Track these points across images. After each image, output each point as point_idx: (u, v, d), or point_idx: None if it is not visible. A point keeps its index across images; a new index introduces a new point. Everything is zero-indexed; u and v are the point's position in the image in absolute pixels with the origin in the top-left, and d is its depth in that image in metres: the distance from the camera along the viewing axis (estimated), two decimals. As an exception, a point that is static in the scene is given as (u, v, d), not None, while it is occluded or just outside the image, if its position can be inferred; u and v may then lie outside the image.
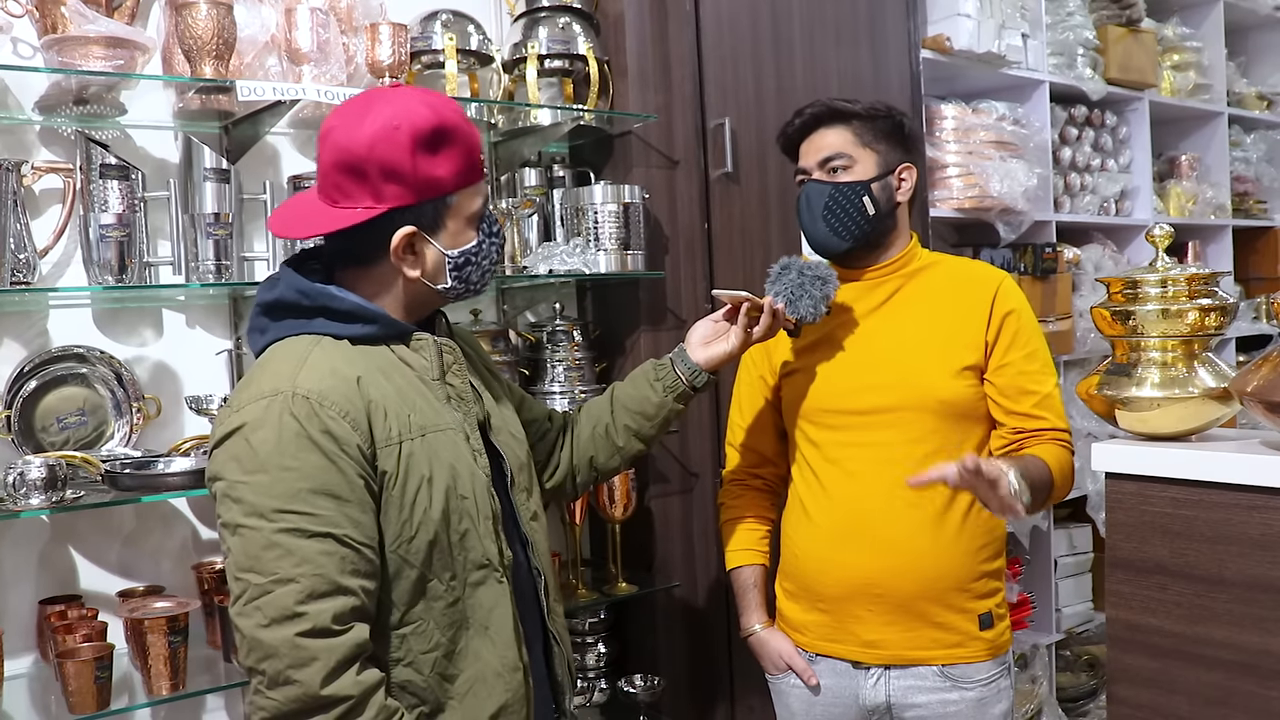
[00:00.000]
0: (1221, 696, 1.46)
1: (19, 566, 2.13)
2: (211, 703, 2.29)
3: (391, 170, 1.41)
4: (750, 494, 2.09)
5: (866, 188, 1.89)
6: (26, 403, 2.10)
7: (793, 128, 1.96)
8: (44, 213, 2.15)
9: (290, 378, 1.38)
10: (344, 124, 1.43)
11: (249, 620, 1.31)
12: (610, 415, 1.84)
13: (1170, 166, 4.15)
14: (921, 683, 1.87)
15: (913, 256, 1.97)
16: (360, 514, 1.36)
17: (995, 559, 1.93)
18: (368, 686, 1.32)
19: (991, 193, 3.14)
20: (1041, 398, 1.87)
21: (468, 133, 1.47)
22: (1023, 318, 1.90)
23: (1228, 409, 1.54)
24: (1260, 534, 1.42)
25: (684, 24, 2.61)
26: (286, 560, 1.30)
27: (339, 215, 1.43)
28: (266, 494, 1.32)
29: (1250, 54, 4.64)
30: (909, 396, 1.85)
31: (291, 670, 1.28)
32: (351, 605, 1.33)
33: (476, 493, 1.48)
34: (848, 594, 1.89)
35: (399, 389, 1.45)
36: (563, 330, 2.57)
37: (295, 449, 1.34)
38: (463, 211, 1.48)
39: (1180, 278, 1.56)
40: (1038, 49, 3.41)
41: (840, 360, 1.93)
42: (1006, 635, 1.94)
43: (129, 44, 2.00)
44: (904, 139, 1.95)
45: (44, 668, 2.10)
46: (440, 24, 2.47)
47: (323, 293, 1.46)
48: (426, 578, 1.43)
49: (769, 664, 2.01)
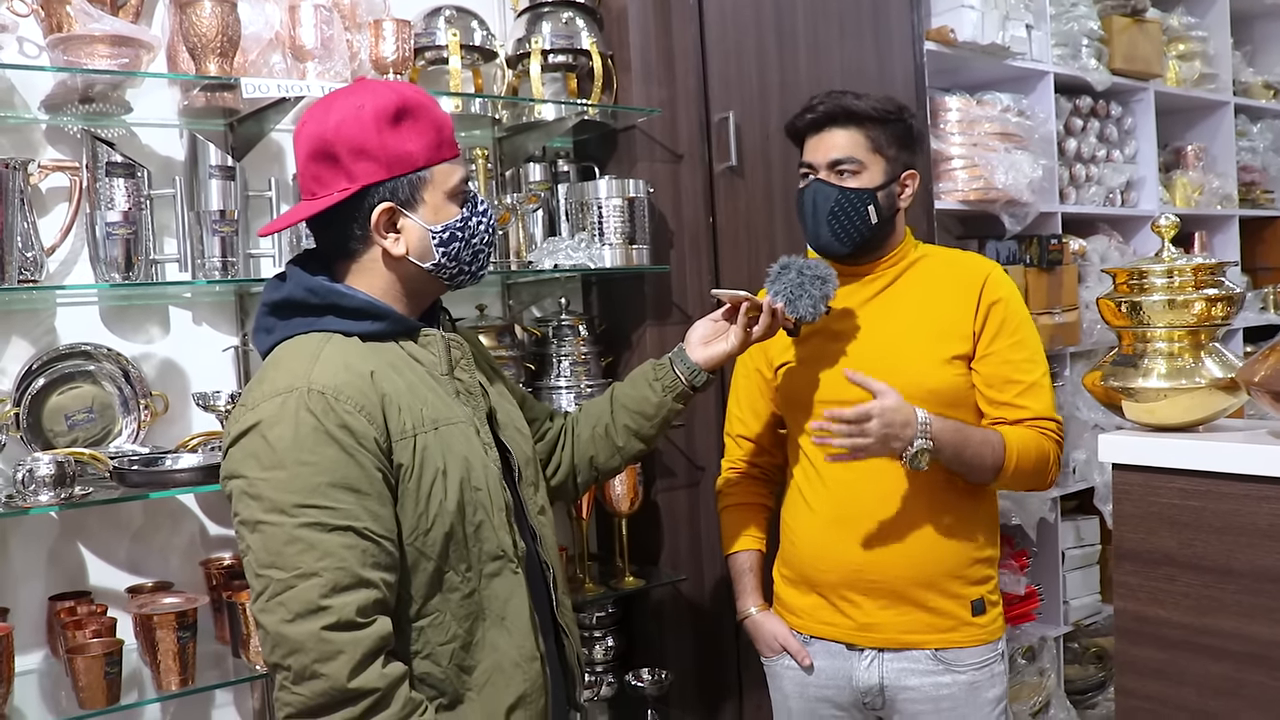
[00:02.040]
0: (1230, 688, 1.46)
1: (29, 563, 2.13)
2: (220, 698, 2.30)
3: (359, 147, 1.43)
4: (747, 482, 2.13)
5: (873, 196, 1.90)
6: (35, 400, 2.10)
7: (804, 121, 1.95)
8: (50, 211, 2.15)
9: (305, 374, 1.39)
10: (312, 118, 1.47)
11: (273, 616, 1.31)
12: (610, 415, 1.86)
13: (1176, 157, 4.14)
14: (915, 665, 1.91)
15: (906, 251, 1.99)
16: (379, 507, 1.37)
17: (988, 546, 1.97)
18: (394, 679, 1.34)
19: (997, 184, 3.13)
20: (1026, 387, 1.88)
21: (434, 110, 1.50)
22: (1010, 306, 1.91)
23: (1235, 399, 1.54)
24: (1268, 524, 1.42)
25: (687, 18, 2.60)
26: (309, 555, 1.31)
27: (318, 203, 1.46)
28: (286, 489, 1.33)
29: (1256, 43, 4.62)
30: (899, 385, 1.84)
31: (318, 664, 1.29)
32: (374, 598, 1.34)
33: (489, 485, 1.49)
34: (843, 579, 1.93)
35: (410, 384, 1.46)
36: (568, 325, 2.57)
37: (313, 444, 1.34)
38: (441, 186, 1.50)
39: (1186, 268, 1.56)
40: (1042, 40, 3.40)
41: (833, 351, 1.95)
42: (999, 622, 1.97)
43: (134, 42, 2.00)
44: (911, 142, 1.96)
45: (54, 663, 2.11)
46: (444, 20, 2.47)
47: (332, 290, 1.47)
48: (443, 569, 1.44)
49: (764, 646, 2.05)
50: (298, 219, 1.50)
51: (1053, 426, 1.89)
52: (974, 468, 1.83)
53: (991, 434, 1.84)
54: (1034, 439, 1.86)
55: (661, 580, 2.61)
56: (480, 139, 2.66)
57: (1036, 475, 1.88)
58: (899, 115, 1.93)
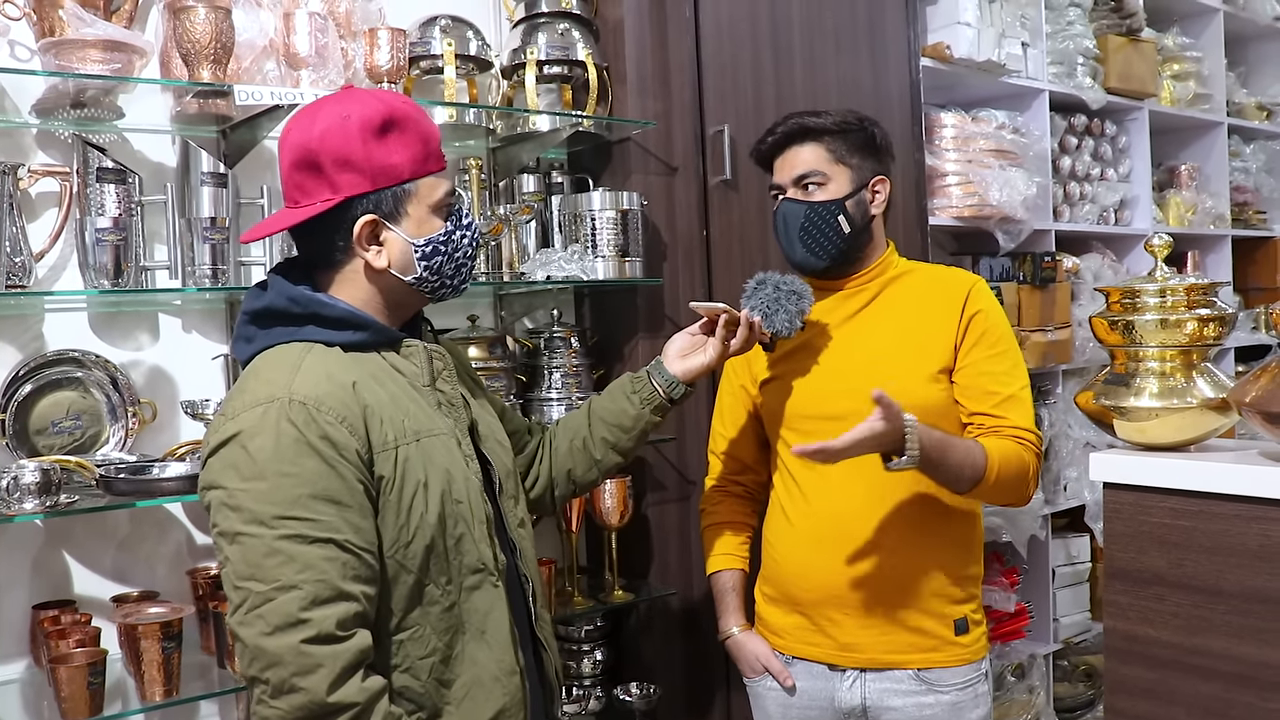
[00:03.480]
0: (1220, 708, 1.45)
1: (12, 571, 2.12)
2: (205, 709, 2.28)
3: (344, 159, 1.42)
4: (731, 500, 2.12)
5: (841, 206, 1.91)
6: (21, 406, 2.09)
7: (765, 145, 1.98)
8: (40, 216, 2.14)
9: (286, 384, 1.37)
10: (297, 126, 1.46)
11: (251, 629, 1.30)
12: (588, 428, 1.85)
13: (1170, 176, 4.15)
14: (897, 686, 1.90)
15: (888, 265, 1.99)
16: (360, 519, 1.36)
17: (972, 565, 1.96)
18: (373, 693, 1.32)
19: (991, 201, 3.14)
20: (1004, 398, 1.87)
21: (421, 122, 1.48)
22: (991, 318, 1.91)
23: (1226, 419, 1.54)
24: (1259, 545, 1.41)
25: (683, 31, 2.61)
26: (289, 567, 1.30)
27: (300, 212, 1.45)
28: (266, 501, 1.32)
29: (1250, 64, 4.64)
30: None
31: (297, 678, 1.28)
32: (354, 611, 1.33)
33: (471, 497, 1.48)
34: (825, 598, 1.91)
35: (392, 395, 1.45)
36: (560, 336, 2.56)
37: (294, 454, 1.33)
38: (425, 199, 1.49)
39: (1179, 288, 1.56)
40: (1038, 58, 3.42)
41: (817, 367, 1.95)
42: (983, 641, 1.96)
43: (127, 48, 2.00)
44: (876, 151, 1.96)
45: (36, 673, 2.09)
46: (439, 29, 2.47)
47: (313, 300, 1.46)
48: (423, 582, 1.43)
49: (746, 666, 2.04)
50: (280, 227, 1.49)
51: (1032, 439, 1.87)
52: (955, 477, 1.78)
53: (973, 444, 1.81)
54: (1014, 450, 1.83)
55: (651, 594, 2.61)
56: (474, 149, 2.66)
57: (1016, 488, 1.85)
58: (859, 125, 1.94)
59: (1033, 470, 1.86)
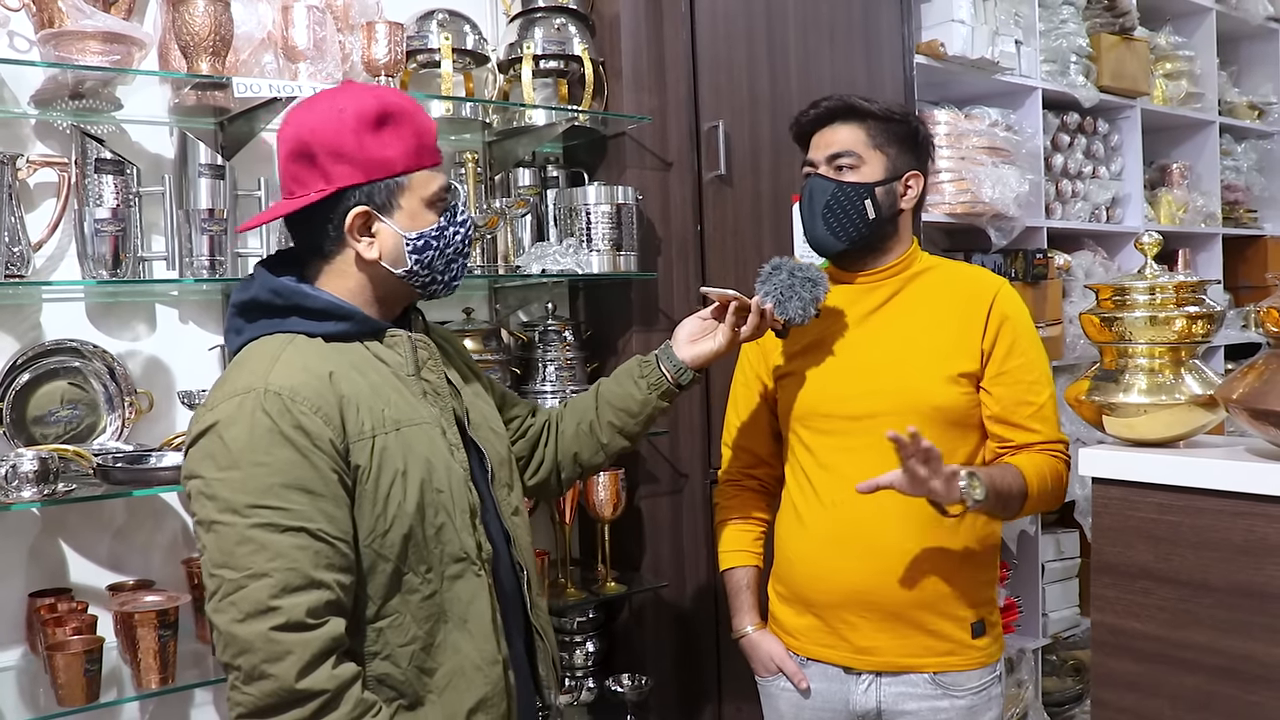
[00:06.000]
0: (1203, 701, 1.47)
1: (9, 559, 2.13)
2: (200, 696, 2.29)
3: (338, 150, 1.44)
4: (745, 494, 2.08)
5: (870, 190, 1.87)
6: (19, 396, 2.10)
7: (807, 118, 1.94)
8: (38, 206, 2.15)
9: (263, 375, 1.39)
10: (294, 118, 1.48)
11: (224, 616, 1.32)
12: (595, 412, 1.84)
13: (1161, 174, 4.17)
14: (913, 690, 1.87)
15: (911, 261, 1.95)
16: (334, 508, 1.37)
17: (988, 567, 1.93)
18: (343, 680, 1.33)
19: (983, 198, 3.15)
20: (1036, 409, 1.86)
21: (417, 117, 1.49)
22: (1019, 325, 1.88)
23: (1214, 416, 1.55)
24: (1244, 540, 1.43)
25: (679, 26, 2.62)
26: (260, 555, 1.31)
27: (294, 202, 1.47)
28: (239, 490, 1.33)
29: (1242, 64, 4.66)
30: (903, 402, 1.83)
31: (266, 665, 1.29)
32: (326, 599, 1.34)
33: (453, 486, 1.49)
34: (840, 600, 1.88)
35: (373, 384, 1.46)
36: (555, 330, 2.58)
37: (267, 444, 1.35)
38: (418, 193, 1.49)
39: (1168, 285, 1.57)
40: (1031, 56, 3.43)
41: (835, 364, 1.91)
42: (999, 643, 1.93)
43: (126, 39, 2.00)
44: (916, 146, 1.93)
45: (33, 660, 2.10)
46: (436, 23, 2.47)
47: (296, 291, 1.48)
48: (402, 571, 1.43)
49: (760, 666, 2.01)
50: (274, 217, 1.52)
51: (1060, 448, 1.87)
52: (1005, 510, 1.79)
53: (1010, 471, 1.79)
54: (1049, 465, 1.83)
55: (643, 586, 2.62)
56: (470, 143, 2.67)
57: (1053, 499, 1.85)
58: (903, 117, 1.92)
59: (1065, 479, 1.87)
